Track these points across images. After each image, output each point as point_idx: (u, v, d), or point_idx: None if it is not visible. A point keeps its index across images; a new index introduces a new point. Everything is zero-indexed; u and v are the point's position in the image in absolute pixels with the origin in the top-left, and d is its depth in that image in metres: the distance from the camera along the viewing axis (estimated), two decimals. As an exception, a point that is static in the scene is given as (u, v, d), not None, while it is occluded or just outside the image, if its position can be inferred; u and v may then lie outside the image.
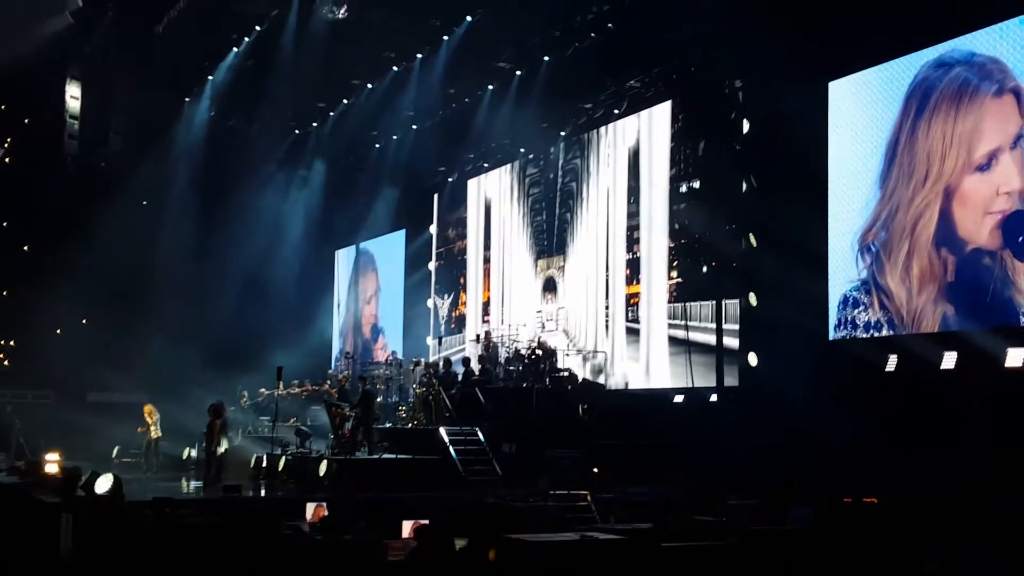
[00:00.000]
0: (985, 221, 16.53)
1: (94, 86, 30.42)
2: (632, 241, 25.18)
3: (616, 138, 26.01)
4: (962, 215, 17.00)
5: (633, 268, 25.04)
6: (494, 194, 31.19)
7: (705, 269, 22.67)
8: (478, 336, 27.37)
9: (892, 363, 17.59)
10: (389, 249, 36.13)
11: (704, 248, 22.79)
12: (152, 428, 25.50)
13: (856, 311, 19.01)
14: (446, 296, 33.26)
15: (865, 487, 14.97)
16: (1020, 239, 15.90)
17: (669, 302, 23.62)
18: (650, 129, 24.72)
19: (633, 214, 25.17)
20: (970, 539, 13.05)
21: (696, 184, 23.28)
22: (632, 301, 24.93)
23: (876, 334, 18.45)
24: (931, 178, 17.53)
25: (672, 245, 23.79)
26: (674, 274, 23.65)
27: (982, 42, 16.88)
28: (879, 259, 18.53)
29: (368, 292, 37.65)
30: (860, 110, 19.15)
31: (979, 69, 17.01)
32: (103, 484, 15.83)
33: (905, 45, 18.09)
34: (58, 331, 33.85)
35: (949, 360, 16.57)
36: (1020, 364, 15.42)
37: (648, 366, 24.04)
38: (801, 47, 18.97)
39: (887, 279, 18.32)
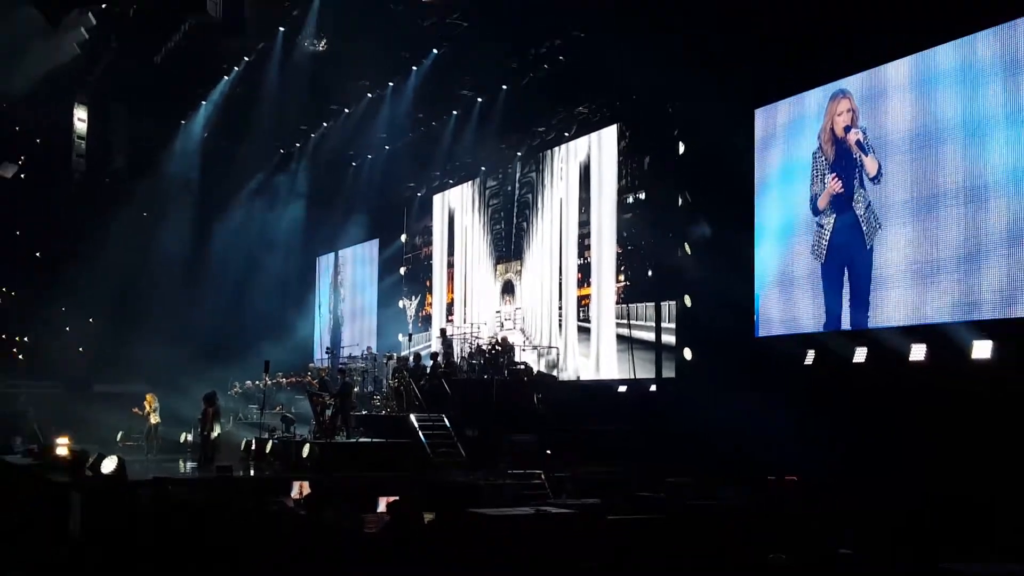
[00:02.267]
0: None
1: (99, 110, 30.18)
2: (583, 248, 25.15)
3: (568, 154, 25.96)
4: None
5: (584, 272, 25.03)
6: (457, 205, 31.14)
7: (649, 273, 22.64)
8: (442, 331, 27.37)
9: (810, 358, 17.69)
10: (365, 255, 36.06)
11: (648, 254, 22.76)
12: (152, 415, 25.34)
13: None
14: (414, 297, 33.19)
15: (786, 467, 15.07)
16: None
17: (617, 303, 23.60)
18: (599, 146, 24.70)
19: (584, 223, 25.14)
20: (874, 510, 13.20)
21: (642, 195, 23.23)
22: (583, 302, 24.93)
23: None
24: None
25: (620, 251, 23.76)
26: (621, 278, 23.63)
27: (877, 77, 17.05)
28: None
29: (344, 294, 37.55)
30: (780, 135, 19.26)
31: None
32: (108, 465, 15.70)
33: (823, 76, 18.24)
34: (67, 329, 33.67)
35: (861, 355, 16.67)
36: (923, 358, 15.56)
37: (598, 360, 24.05)
38: (730, 77, 19.04)
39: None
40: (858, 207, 17.36)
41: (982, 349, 14.65)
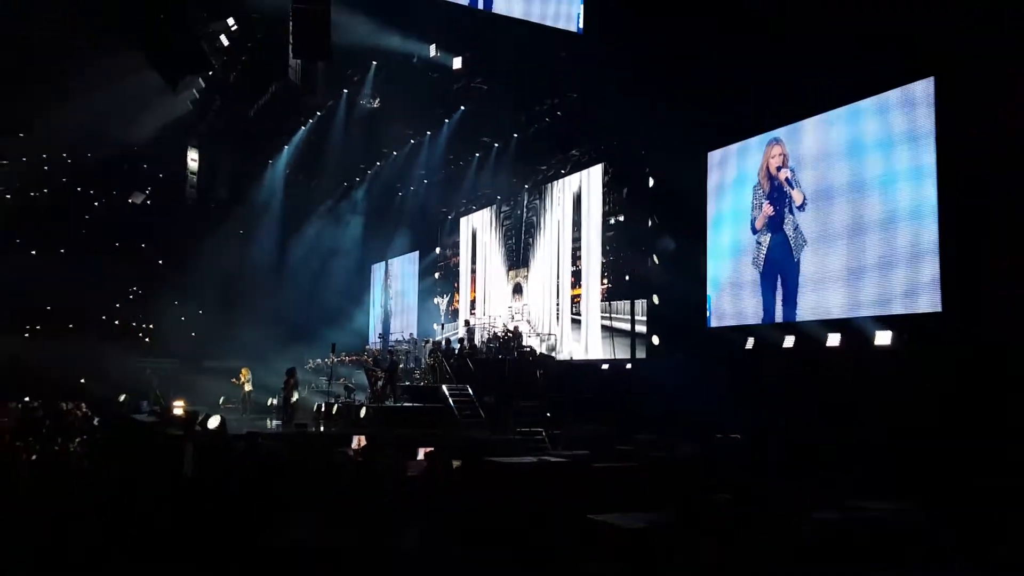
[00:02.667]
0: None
1: (207, 152, 30.31)
2: (575, 257, 25.12)
3: (564, 186, 25.94)
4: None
5: (576, 277, 25.00)
6: (478, 225, 31.15)
7: (626, 278, 22.63)
8: (466, 322, 27.43)
9: (750, 343, 17.67)
10: (408, 263, 36.10)
11: (625, 263, 22.75)
12: (246, 384, 25.51)
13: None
14: (445, 296, 33.19)
15: (731, 427, 15.06)
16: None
17: (601, 300, 23.59)
18: (588, 180, 24.68)
19: (576, 239, 25.10)
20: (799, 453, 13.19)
21: (621, 218, 23.21)
22: (575, 300, 24.92)
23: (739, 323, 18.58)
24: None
25: (604, 261, 23.73)
26: (605, 281, 23.62)
27: (802, 129, 17.03)
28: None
29: (392, 293, 37.63)
30: (727, 172, 19.23)
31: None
32: (213, 422, 15.77)
33: (761, 127, 18.20)
34: (182, 318, 33.79)
35: (789, 341, 16.66)
36: (837, 344, 15.55)
37: (586, 345, 24.04)
38: (689, 127, 19.01)
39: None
40: (788, 229, 17.34)
41: (883, 337, 14.63)
